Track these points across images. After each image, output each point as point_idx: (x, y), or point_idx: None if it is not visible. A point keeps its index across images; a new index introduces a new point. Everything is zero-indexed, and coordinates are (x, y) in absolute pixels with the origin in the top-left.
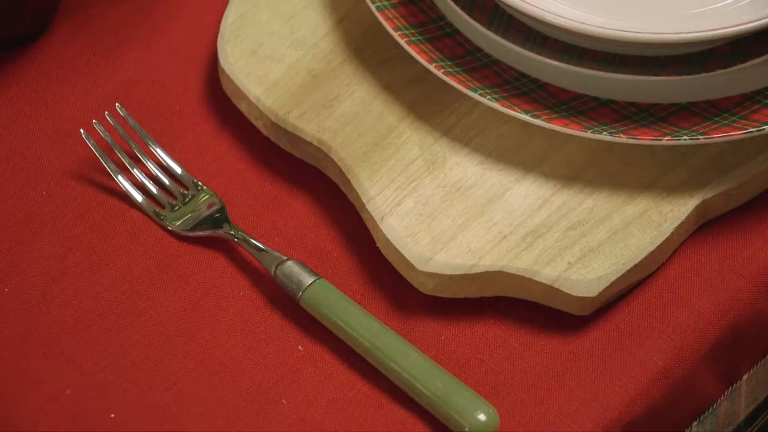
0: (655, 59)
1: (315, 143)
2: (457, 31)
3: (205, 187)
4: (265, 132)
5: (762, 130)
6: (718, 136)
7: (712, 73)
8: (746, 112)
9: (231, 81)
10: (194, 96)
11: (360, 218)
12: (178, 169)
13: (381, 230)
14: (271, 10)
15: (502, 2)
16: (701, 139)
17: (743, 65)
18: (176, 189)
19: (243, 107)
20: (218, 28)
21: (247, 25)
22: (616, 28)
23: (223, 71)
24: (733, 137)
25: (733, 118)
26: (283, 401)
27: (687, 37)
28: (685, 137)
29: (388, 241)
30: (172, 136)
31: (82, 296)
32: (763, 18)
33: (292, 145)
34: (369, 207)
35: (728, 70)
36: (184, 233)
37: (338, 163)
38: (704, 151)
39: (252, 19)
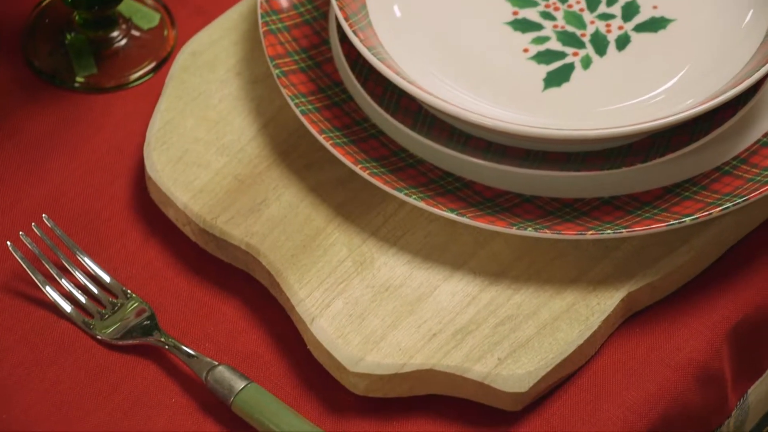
0: (576, 155)
1: (243, 247)
2: (381, 133)
3: (134, 295)
4: (193, 238)
5: (683, 222)
6: (640, 229)
7: (632, 168)
8: (667, 204)
9: (158, 188)
10: (121, 204)
11: (290, 321)
12: (106, 278)
13: (311, 332)
14: (196, 117)
15: (424, 103)
16: (624, 233)
17: (662, 159)
18: (105, 298)
19: (171, 214)
20: (144, 136)
21: (172, 132)
22: (536, 125)
23: (150, 178)
24: (655, 230)
25: (655, 211)
26: None
27: (606, 132)
28: (609, 231)
29: (318, 342)
30: (100, 245)
31: (12, 409)
32: (679, 113)
33: (220, 250)
34: (299, 309)
35: (648, 164)
36: (114, 342)
37: (267, 267)
38: (628, 244)
39: (178, 126)
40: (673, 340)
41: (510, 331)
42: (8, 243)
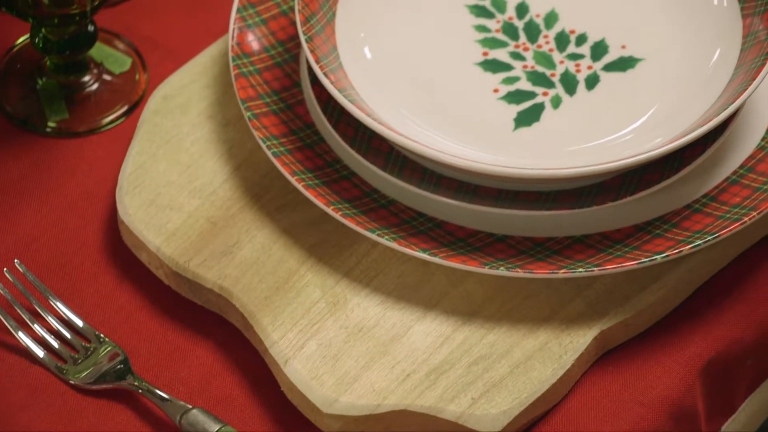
0: (547, 194)
1: (216, 290)
2: (353, 174)
3: (107, 339)
4: (166, 281)
5: (654, 260)
6: (612, 268)
7: (603, 206)
8: (638, 242)
9: (130, 232)
10: (94, 248)
11: (264, 363)
12: (79, 323)
13: (285, 374)
14: (168, 161)
15: (395, 143)
16: (596, 271)
17: (633, 197)
18: (78, 342)
19: (143, 257)
20: (116, 180)
21: (145, 176)
22: (507, 165)
23: (123, 222)
24: (626, 268)
25: (626, 249)
26: None
27: (576, 171)
28: (581, 269)
29: (292, 384)
30: (72, 290)
31: None
32: (647, 152)
33: (193, 293)
34: (272, 351)
35: (619, 202)
36: (87, 386)
37: (240, 309)
38: (600, 283)
39: (150, 170)
40: (646, 377)
41: (483, 370)
42: None
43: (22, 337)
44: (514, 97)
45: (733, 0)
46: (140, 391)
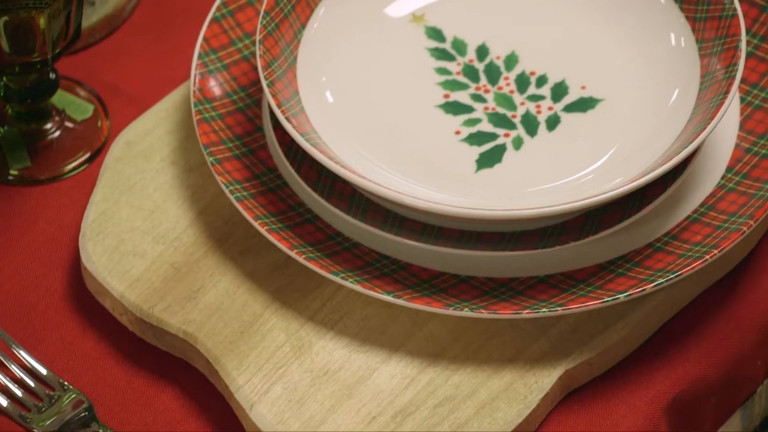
0: (510, 235)
1: (181, 335)
2: (317, 217)
3: (71, 387)
4: (130, 327)
5: (617, 299)
6: (575, 307)
7: (566, 246)
8: (601, 282)
9: (94, 278)
10: (58, 296)
11: (230, 407)
12: (43, 371)
13: (251, 419)
14: (131, 207)
15: (358, 187)
16: (560, 311)
17: (595, 237)
18: (42, 391)
19: (107, 304)
20: (79, 227)
21: (108, 222)
22: (469, 206)
23: (86, 269)
24: (590, 307)
25: (590, 289)
26: None
27: (537, 212)
28: (544, 309)
29: (258, 429)
30: (36, 338)
31: None
32: (607, 192)
33: (158, 339)
34: (237, 396)
35: (581, 242)
36: None
37: (205, 354)
38: (564, 322)
39: (113, 216)
40: (611, 416)
41: (449, 412)
42: None
43: None
44: (476, 138)
45: (691, 40)
46: None
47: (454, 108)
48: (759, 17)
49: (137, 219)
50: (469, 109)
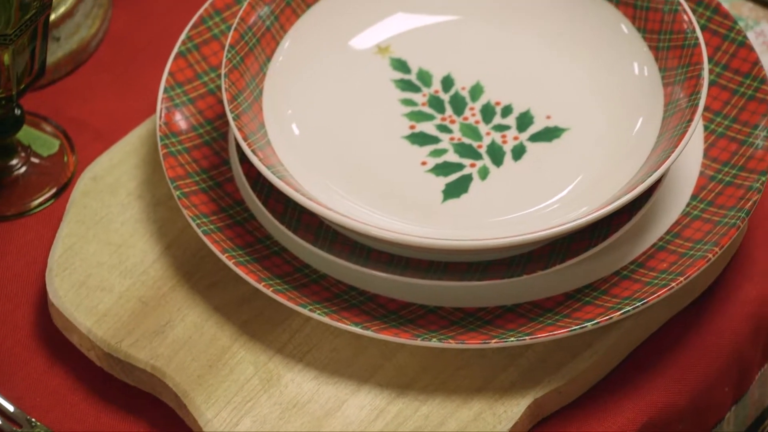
0: (477, 265)
1: (149, 370)
2: (284, 249)
3: (39, 423)
4: (98, 362)
5: (584, 327)
6: (543, 336)
7: (533, 275)
8: (569, 310)
9: (61, 314)
10: (25, 332)
11: None
12: (10, 408)
13: None
14: (98, 242)
15: (325, 218)
16: (527, 340)
17: (562, 265)
18: (9, 428)
19: (75, 339)
20: (46, 262)
21: (75, 257)
22: (436, 237)
23: (53, 305)
24: (558, 336)
25: (557, 317)
26: None
27: (503, 242)
28: (512, 339)
29: None
30: (3, 375)
31: None
32: (572, 221)
33: (126, 374)
34: (206, 430)
35: (548, 271)
36: None
37: (173, 389)
38: (532, 351)
39: (80, 251)
40: None
41: None
42: None
43: None
44: (442, 169)
45: (654, 69)
46: None
47: (420, 139)
48: (721, 45)
49: (104, 254)
50: (435, 140)
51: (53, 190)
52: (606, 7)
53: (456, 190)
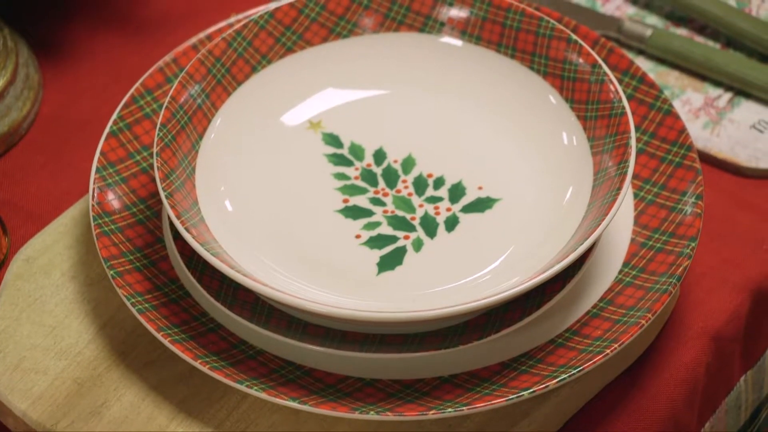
0: (413, 336)
1: None
2: (220, 326)
3: None
4: None
5: (521, 396)
6: (481, 406)
7: (469, 345)
8: (505, 379)
9: None
10: None
11: None
12: None
13: None
14: (32, 323)
15: (260, 294)
16: (465, 410)
17: (497, 335)
18: None
19: (9, 423)
20: None
21: (8, 340)
22: (371, 309)
23: None
24: (495, 405)
25: (494, 387)
26: None
27: (436, 313)
28: (450, 409)
29: None
30: None
31: None
32: (504, 292)
33: None
34: None
35: (484, 341)
36: None
37: None
38: (471, 421)
39: (14, 333)
40: None
41: None
42: None
43: None
44: (376, 242)
45: (583, 138)
46: None
47: (353, 212)
48: (648, 114)
49: (38, 335)
50: (368, 213)
51: None
52: (534, 79)
53: (391, 262)
